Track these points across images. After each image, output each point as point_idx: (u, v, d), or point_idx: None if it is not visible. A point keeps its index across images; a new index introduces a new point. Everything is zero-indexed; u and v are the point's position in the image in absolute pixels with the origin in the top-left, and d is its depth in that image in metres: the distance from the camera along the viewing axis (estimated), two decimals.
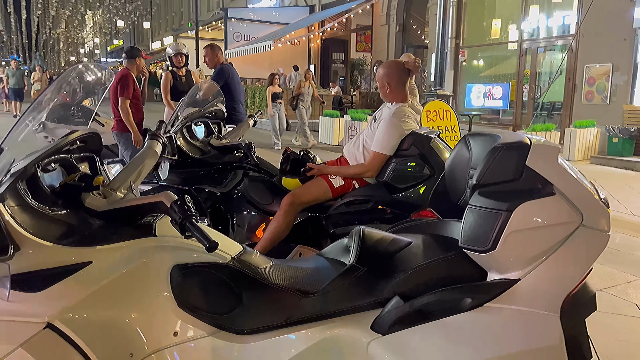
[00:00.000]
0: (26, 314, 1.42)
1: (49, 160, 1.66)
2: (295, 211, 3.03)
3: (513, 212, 1.45)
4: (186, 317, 1.59)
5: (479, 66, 13.97)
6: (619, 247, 4.62)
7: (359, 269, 1.63)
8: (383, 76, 3.06)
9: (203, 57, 5.74)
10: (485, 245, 1.48)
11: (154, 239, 1.63)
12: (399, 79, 3.02)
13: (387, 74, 3.04)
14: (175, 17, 35.51)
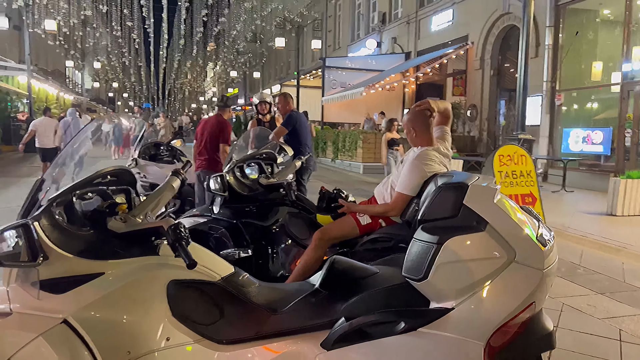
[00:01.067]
0: (48, 310, 1.81)
1: (86, 190, 2.08)
2: (325, 246, 3.25)
3: (443, 245, 1.59)
4: (178, 325, 1.90)
5: (577, 110, 13.30)
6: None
7: (320, 292, 1.84)
8: (408, 121, 3.24)
9: (276, 105, 6.26)
10: (419, 275, 1.63)
11: (156, 257, 1.98)
12: (422, 124, 3.17)
13: (412, 120, 3.22)
14: (283, 66, 37.84)
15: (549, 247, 1.65)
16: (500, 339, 1.62)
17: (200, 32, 38.35)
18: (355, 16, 26.32)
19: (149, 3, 29.58)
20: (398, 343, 1.59)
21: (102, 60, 43.43)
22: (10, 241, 1.80)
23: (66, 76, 39.95)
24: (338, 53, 27.16)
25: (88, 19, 32.36)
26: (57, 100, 30.27)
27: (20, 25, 24.29)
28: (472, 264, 1.59)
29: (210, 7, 32.72)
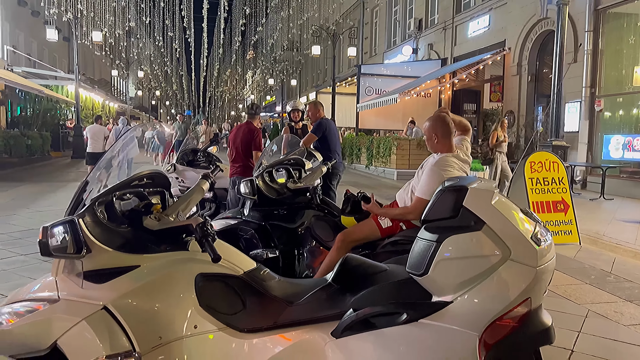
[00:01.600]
0: (91, 298, 2.03)
1: (125, 192, 2.31)
2: (347, 247, 3.40)
3: (442, 243, 1.73)
4: (204, 314, 2.09)
5: (618, 116, 12.97)
6: None
7: (333, 286, 2.00)
8: (430, 128, 3.37)
9: (307, 112, 6.46)
10: (420, 270, 1.77)
11: (186, 253, 2.18)
12: (444, 131, 3.31)
13: (434, 126, 3.35)
14: (320, 74, 38.21)
15: (543, 246, 1.76)
16: (498, 332, 1.74)
17: (238, 41, 39.19)
18: (392, 23, 26.38)
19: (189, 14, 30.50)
20: (400, 332, 1.73)
21: (146, 69, 44.95)
22: (59, 236, 2.03)
23: (111, 85, 41.52)
24: (374, 60, 27.27)
25: (132, 30, 33.61)
26: (102, 108, 31.53)
27: (69, 37, 25.50)
28: (469, 261, 1.72)
29: (248, 17, 33.42)
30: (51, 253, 2.00)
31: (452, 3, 19.74)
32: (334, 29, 24.88)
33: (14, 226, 7.02)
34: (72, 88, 22.90)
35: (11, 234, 6.52)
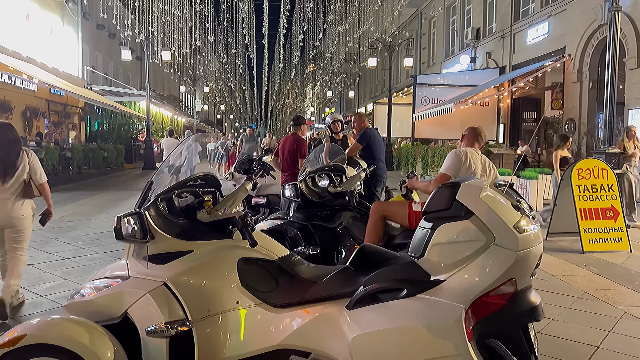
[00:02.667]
0: (154, 276, 2.49)
1: (183, 190, 2.77)
2: (377, 218, 3.87)
3: (435, 230, 2.05)
4: (244, 292, 2.50)
5: None
6: None
7: (349, 269, 2.36)
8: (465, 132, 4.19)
9: (352, 123, 6.84)
10: (418, 253, 2.10)
11: (231, 240, 2.62)
12: (474, 140, 4.07)
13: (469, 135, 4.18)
14: (378, 84, 38.51)
15: (525, 234, 2.02)
16: (486, 307, 2.02)
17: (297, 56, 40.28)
18: (450, 32, 26.33)
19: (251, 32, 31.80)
20: (400, 304, 2.05)
21: (211, 84, 47.03)
22: (129, 224, 2.51)
23: (179, 100, 43.76)
24: (432, 70, 27.26)
25: (198, 48, 35.41)
26: (171, 123, 33.36)
27: (142, 57, 27.29)
28: (459, 245, 2.02)
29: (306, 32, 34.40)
30: (123, 238, 2.49)
31: (510, 11, 19.53)
32: (390, 41, 25.12)
33: (93, 229, 7.84)
34: (143, 104, 24.51)
35: (90, 235, 7.31)
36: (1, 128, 4.16)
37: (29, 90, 18.87)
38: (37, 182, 4.20)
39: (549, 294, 4.83)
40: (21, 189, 4.13)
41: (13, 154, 4.08)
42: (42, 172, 4.29)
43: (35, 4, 19.67)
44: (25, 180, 4.15)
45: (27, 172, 4.15)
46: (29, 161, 4.16)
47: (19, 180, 4.11)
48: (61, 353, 2.32)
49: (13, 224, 4.13)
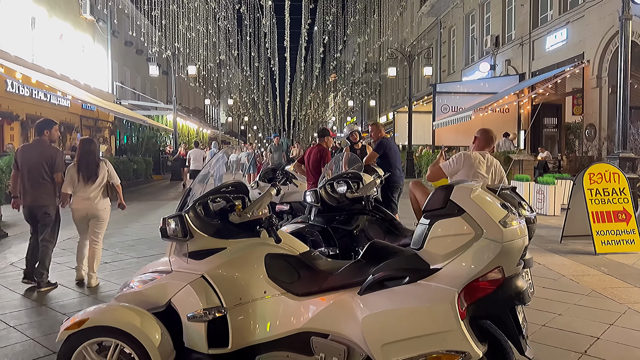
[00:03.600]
0: (193, 269, 2.90)
1: (217, 196, 3.18)
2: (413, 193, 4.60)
3: (432, 226, 2.41)
4: (271, 283, 2.89)
5: None
6: None
7: (361, 261, 2.73)
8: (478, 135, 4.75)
9: (370, 132, 7.22)
10: (418, 246, 2.46)
11: (259, 239, 3.01)
12: (485, 143, 4.58)
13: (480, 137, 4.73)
14: (399, 93, 38.83)
15: (510, 228, 2.35)
16: (477, 291, 2.36)
17: (318, 67, 40.91)
18: (469, 40, 26.52)
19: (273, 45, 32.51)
20: (403, 289, 2.40)
21: (235, 97, 48.01)
22: (172, 225, 2.93)
23: (204, 112, 44.78)
24: (452, 77, 27.46)
25: (222, 62, 36.33)
26: (197, 134, 34.21)
27: (168, 71, 28.21)
28: (452, 238, 2.37)
29: (327, 44, 35.00)
30: (168, 236, 2.91)
31: (529, 18, 19.69)
32: (409, 51, 25.45)
33: (127, 236, 8.37)
34: (170, 117, 25.32)
35: (126, 242, 7.83)
36: (84, 143, 5.57)
37: (63, 106, 19.79)
38: (115, 184, 5.58)
39: (558, 292, 5.10)
40: (103, 190, 5.45)
41: (92, 163, 5.38)
42: (116, 177, 5.67)
43: (69, 24, 20.66)
44: (104, 182, 5.46)
45: (106, 177, 5.46)
46: (107, 170, 5.48)
47: (101, 183, 5.43)
48: (117, 334, 2.74)
49: (96, 215, 5.44)
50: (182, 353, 2.84)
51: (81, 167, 5.33)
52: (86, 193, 5.34)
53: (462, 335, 2.26)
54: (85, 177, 5.32)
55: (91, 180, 5.34)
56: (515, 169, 15.37)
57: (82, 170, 5.32)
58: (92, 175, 5.34)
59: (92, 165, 5.36)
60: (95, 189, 5.37)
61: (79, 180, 5.33)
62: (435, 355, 2.30)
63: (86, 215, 5.41)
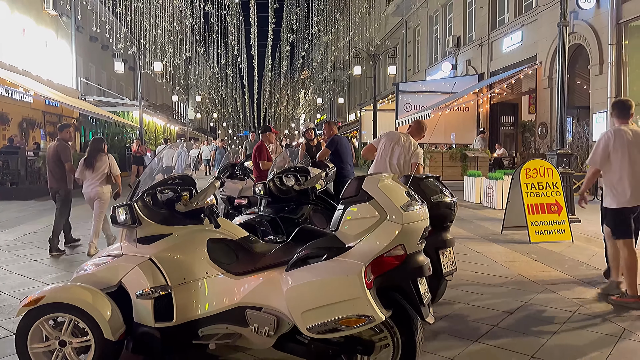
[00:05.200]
0: (142, 253, 3.24)
1: (164, 187, 3.52)
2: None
3: (345, 210, 2.82)
4: (212, 265, 3.25)
5: None
6: None
7: (290, 243, 3.11)
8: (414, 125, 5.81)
9: (323, 130, 7.66)
10: (335, 228, 2.86)
11: (202, 225, 3.37)
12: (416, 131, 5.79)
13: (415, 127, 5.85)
14: (367, 91, 39.45)
15: (409, 212, 2.76)
16: (383, 265, 2.77)
17: (285, 65, 41.23)
18: (433, 41, 27.25)
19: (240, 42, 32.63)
20: (321, 265, 2.79)
21: (203, 93, 47.85)
22: (122, 213, 3.26)
23: (172, 109, 44.49)
24: (417, 76, 28.16)
25: (189, 59, 36.24)
26: (164, 131, 34.06)
27: (134, 67, 28.04)
28: (362, 221, 2.78)
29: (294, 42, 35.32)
30: (118, 223, 3.24)
31: (487, 20, 20.45)
32: (374, 50, 26.01)
33: (89, 231, 8.55)
34: (136, 113, 25.22)
35: (89, 235, 8.03)
36: (94, 141, 7.23)
37: (25, 102, 19.57)
38: (114, 174, 7.03)
39: (488, 276, 5.61)
40: (104, 177, 6.92)
41: (97, 158, 6.92)
42: (116, 168, 7.12)
43: (31, 19, 20.40)
44: (106, 172, 6.92)
45: (107, 167, 6.93)
46: (109, 162, 6.97)
47: (103, 173, 6.90)
48: (71, 310, 3.06)
49: (99, 197, 6.89)
50: (131, 327, 3.18)
51: (88, 160, 6.89)
52: (92, 180, 6.87)
53: (367, 302, 2.68)
54: (90, 168, 6.86)
55: (95, 170, 6.85)
56: (471, 165, 16.07)
57: (88, 162, 6.88)
58: (95, 167, 6.88)
59: (97, 160, 6.90)
60: (98, 177, 6.88)
61: (87, 170, 6.87)
62: (345, 319, 2.70)
63: (92, 197, 6.89)
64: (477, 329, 4.01)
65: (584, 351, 3.63)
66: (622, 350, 3.65)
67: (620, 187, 4.59)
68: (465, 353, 3.57)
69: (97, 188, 6.87)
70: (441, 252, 4.04)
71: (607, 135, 4.67)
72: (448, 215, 4.13)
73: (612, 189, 4.65)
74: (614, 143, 4.58)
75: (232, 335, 3.14)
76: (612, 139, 4.60)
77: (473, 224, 9.04)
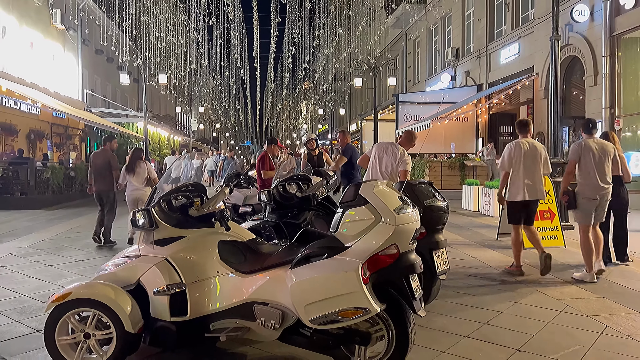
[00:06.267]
0: (158, 254, 3.54)
1: (179, 194, 3.83)
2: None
3: (344, 214, 3.13)
4: (223, 264, 3.55)
5: (638, 134, 13.57)
6: None
7: (294, 244, 3.42)
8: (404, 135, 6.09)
9: (337, 139, 8.11)
10: (334, 230, 3.17)
11: (213, 229, 3.67)
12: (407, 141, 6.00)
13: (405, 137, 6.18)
14: (368, 102, 39.90)
15: (402, 215, 3.07)
16: (378, 263, 3.07)
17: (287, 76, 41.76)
18: (432, 52, 27.68)
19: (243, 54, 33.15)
20: (322, 263, 3.10)
21: (206, 105, 48.36)
22: (141, 218, 3.58)
23: (176, 120, 44.96)
24: (417, 87, 28.57)
25: (193, 71, 36.75)
26: (167, 142, 34.46)
27: (139, 79, 28.50)
28: (358, 223, 3.09)
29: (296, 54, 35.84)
30: (137, 226, 3.56)
31: (485, 32, 20.86)
32: (374, 62, 26.46)
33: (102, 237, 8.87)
34: (141, 124, 25.60)
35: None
36: (135, 150, 8.76)
37: (33, 114, 19.99)
38: (152, 177, 8.27)
39: (479, 279, 5.90)
40: (145, 181, 8.19)
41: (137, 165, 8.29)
42: (154, 172, 8.54)
43: (39, 32, 20.89)
44: (146, 176, 8.22)
45: (146, 172, 8.27)
46: (147, 168, 8.35)
47: (144, 177, 8.23)
48: (95, 305, 3.36)
49: (141, 198, 7.86)
50: (148, 322, 3.47)
51: (129, 167, 8.25)
52: (134, 184, 8.14)
53: (364, 295, 2.98)
54: (131, 173, 8.20)
55: (136, 175, 8.18)
56: (470, 174, 16.39)
57: (129, 169, 8.23)
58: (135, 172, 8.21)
59: (136, 166, 8.24)
60: (140, 181, 8.19)
61: (128, 175, 8.22)
62: (344, 311, 3.00)
63: (135, 199, 8.07)
64: (469, 325, 4.30)
65: (567, 345, 3.91)
66: (601, 346, 3.93)
67: (514, 186, 6.06)
68: (456, 347, 3.86)
69: (139, 191, 8.07)
70: (435, 253, 4.34)
71: (510, 147, 6.14)
72: (441, 218, 4.44)
73: (511, 186, 6.11)
74: (515, 152, 6.04)
75: (241, 329, 3.43)
76: (513, 149, 6.07)
77: (470, 230, 9.33)
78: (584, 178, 5.89)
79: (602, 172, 5.84)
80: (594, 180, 5.82)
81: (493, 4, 20.69)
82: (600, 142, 6.01)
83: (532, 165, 6.02)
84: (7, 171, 14.39)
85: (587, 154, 5.86)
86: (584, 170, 5.89)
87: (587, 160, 5.87)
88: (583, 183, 5.91)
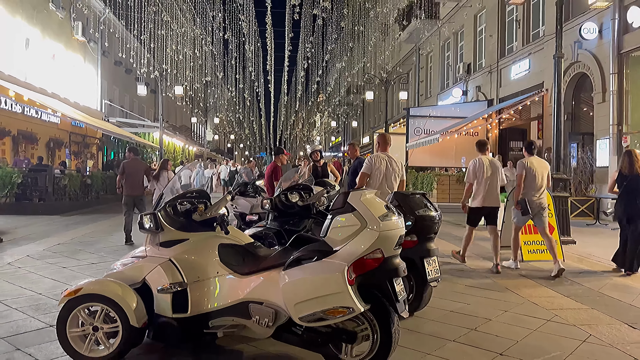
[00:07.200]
0: (163, 255, 3.83)
1: (183, 200, 4.13)
2: None
3: (332, 219, 3.39)
4: (222, 266, 3.82)
5: None
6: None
7: (289, 248, 3.68)
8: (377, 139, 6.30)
9: (347, 151, 8.42)
10: (324, 235, 3.43)
11: (214, 232, 3.95)
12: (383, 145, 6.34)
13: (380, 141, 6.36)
14: (381, 115, 40.20)
15: (386, 222, 3.31)
16: (364, 266, 3.30)
17: (300, 89, 42.30)
18: (445, 67, 27.93)
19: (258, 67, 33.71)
20: (312, 265, 3.34)
21: (221, 116, 49.09)
22: (148, 221, 3.87)
23: (191, 130, 45.68)
24: (429, 101, 28.80)
25: (208, 83, 37.44)
26: (182, 152, 35.06)
27: (155, 90, 29.16)
28: (346, 228, 3.33)
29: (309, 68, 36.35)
30: (144, 229, 3.85)
31: (497, 48, 21.06)
32: (386, 76, 26.78)
33: (112, 242, 9.26)
34: (157, 134, 26.18)
35: (111, 247, 8.71)
36: (163, 162, 10.55)
37: (53, 123, 20.62)
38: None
39: (476, 289, 6.08)
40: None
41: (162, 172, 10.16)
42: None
43: (61, 44, 21.60)
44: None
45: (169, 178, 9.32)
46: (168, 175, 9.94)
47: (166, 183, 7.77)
48: (104, 300, 3.65)
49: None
50: (152, 318, 3.75)
51: (156, 175, 9.87)
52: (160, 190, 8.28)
53: (349, 295, 3.22)
54: (157, 180, 9.84)
55: (160, 182, 9.69)
56: None
57: (156, 176, 9.87)
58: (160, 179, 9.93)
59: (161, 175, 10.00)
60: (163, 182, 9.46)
61: (154, 181, 9.72)
62: (331, 309, 3.24)
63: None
64: (457, 331, 4.50)
65: (549, 350, 4.09)
66: (583, 353, 4.10)
67: (476, 194, 7.24)
68: (441, 349, 4.06)
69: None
70: (426, 260, 4.56)
71: (474, 162, 7.30)
72: (432, 227, 4.67)
73: (473, 194, 7.28)
74: (478, 167, 7.21)
75: (237, 326, 3.69)
76: (477, 164, 7.25)
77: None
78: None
79: (539, 185, 7.12)
80: (532, 191, 7.10)
81: (504, 21, 20.92)
82: (539, 160, 7.33)
83: (491, 178, 7.21)
84: (27, 178, 14.88)
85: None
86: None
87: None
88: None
